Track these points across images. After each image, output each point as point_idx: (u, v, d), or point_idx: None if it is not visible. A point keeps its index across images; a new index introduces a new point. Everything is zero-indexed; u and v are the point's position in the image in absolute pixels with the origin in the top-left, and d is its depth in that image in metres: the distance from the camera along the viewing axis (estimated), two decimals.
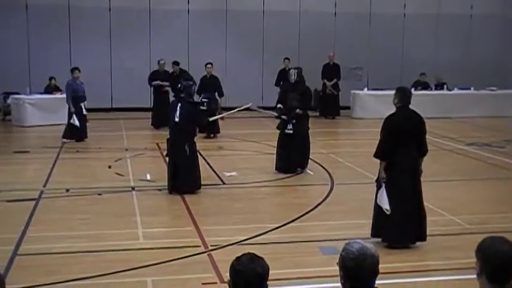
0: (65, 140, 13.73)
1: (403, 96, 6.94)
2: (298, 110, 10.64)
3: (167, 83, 16.11)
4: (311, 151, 11.05)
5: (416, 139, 6.89)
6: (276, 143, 11.01)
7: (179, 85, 9.94)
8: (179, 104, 9.39)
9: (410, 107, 7.02)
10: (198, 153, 9.69)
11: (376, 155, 6.93)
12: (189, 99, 9.67)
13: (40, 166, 11.32)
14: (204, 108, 14.43)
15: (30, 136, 14.84)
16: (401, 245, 6.87)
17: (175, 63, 16.56)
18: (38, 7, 18.69)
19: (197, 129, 9.79)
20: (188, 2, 19.79)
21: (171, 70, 16.48)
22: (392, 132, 6.78)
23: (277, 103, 11.21)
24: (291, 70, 11.09)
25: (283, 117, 10.80)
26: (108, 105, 19.34)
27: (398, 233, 6.80)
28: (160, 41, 19.25)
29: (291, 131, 10.66)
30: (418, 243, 6.94)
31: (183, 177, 9.25)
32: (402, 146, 6.77)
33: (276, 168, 10.80)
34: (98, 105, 18.33)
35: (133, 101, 18.86)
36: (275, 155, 10.95)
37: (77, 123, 13.73)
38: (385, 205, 6.77)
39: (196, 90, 12.82)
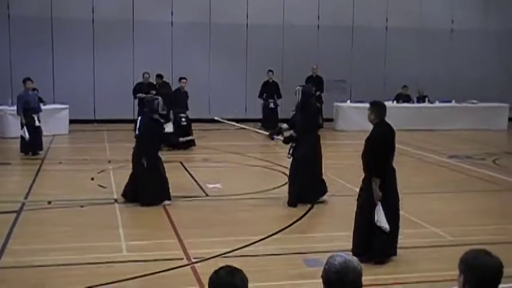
0: (23, 154, 13.28)
1: (379, 111, 6.74)
2: (284, 126, 9.76)
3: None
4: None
5: (394, 152, 6.84)
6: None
7: (144, 99, 9.99)
8: (139, 118, 9.69)
9: (391, 119, 6.97)
10: (161, 168, 9.44)
11: (376, 175, 6.58)
12: (150, 115, 9.53)
13: (22, 178, 11.23)
14: (184, 123, 14.73)
15: (12, 147, 14.65)
16: (388, 258, 6.80)
17: (159, 76, 16.64)
18: (20, 18, 18.61)
19: (161, 145, 9.65)
20: (172, 14, 19.83)
21: (155, 82, 16.54)
22: (383, 148, 6.64)
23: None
24: (297, 87, 10.24)
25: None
26: (91, 116, 19.26)
27: (390, 247, 6.77)
28: (143, 53, 19.26)
29: (290, 156, 9.56)
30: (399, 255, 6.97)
31: (140, 189, 9.27)
32: (389, 160, 6.73)
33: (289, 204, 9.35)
34: (81, 117, 18.31)
35: (116, 112, 18.80)
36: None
37: (26, 136, 13.12)
38: (385, 224, 6.59)
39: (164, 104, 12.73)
